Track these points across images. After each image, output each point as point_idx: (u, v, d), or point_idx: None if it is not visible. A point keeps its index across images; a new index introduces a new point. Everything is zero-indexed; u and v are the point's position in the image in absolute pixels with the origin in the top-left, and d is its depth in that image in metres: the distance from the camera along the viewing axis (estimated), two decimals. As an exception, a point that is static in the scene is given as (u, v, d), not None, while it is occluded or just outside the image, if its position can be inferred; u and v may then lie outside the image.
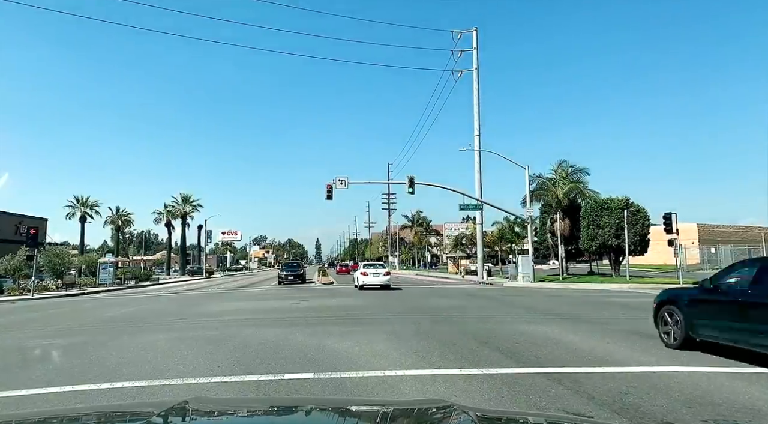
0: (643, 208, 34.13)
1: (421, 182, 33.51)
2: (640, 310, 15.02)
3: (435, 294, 22.93)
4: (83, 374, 6.57)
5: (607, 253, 36.24)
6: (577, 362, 7.01)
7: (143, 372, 6.64)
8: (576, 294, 22.53)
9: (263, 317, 13.25)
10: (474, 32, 37.23)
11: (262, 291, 27.01)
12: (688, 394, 5.31)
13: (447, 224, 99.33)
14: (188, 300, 21.15)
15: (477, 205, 35.39)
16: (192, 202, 65.34)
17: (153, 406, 2.30)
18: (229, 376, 6.32)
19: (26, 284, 26.10)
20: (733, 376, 6.19)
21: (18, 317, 15.07)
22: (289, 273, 36.23)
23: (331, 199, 32.88)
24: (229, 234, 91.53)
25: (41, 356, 8.19)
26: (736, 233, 59.38)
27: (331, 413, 2.04)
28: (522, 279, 32.12)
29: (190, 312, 15.49)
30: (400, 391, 5.59)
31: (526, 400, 5.08)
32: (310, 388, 5.77)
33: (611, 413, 4.63)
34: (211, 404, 2.56)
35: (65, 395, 5.58)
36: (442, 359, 7.24)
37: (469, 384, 5.79)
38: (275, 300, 19.88)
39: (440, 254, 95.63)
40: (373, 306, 16.52)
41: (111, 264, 36.09)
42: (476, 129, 36.02)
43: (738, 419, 4.58)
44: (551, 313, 14.11)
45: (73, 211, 56.92)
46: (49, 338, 10.15)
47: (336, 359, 7.30)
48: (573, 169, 39.31)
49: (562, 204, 35.91)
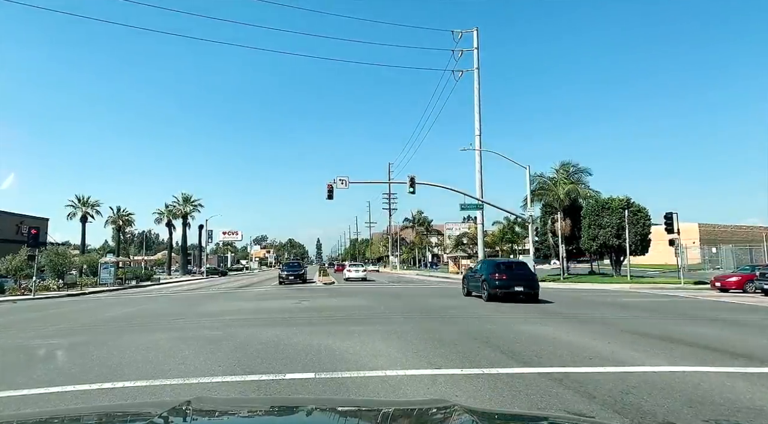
0: (644, 208, 34.13)
1: (421, 182, 33.50)
2: (641, 310, 15.02)
3: (436, 294, 22.91)
4: (84, 374, 6.57)
5: (608, 253, 36.24)
6: (578, 362, 7.01)
7: (145, 372, 6.64)
8: (577, 294, 22.52)
9: (264, 317, 13.25)
10: (475, 32, 37.20)
11: (263, 291, 27.01)
12: (689, 394, 5.30)
13: (448, 223, 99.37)
14: (189, 300, 21.16)
15: (478, 205, 35.37)
16: (193, 202, 65.47)
17: (155, 406, 2.30)
18: (231, 376, 6.32)
19: (27, 284, 26.13)
20: (734, 376, 6.18)
21: (19, 317, 15.08)
22: (290, 273, 36.20)
23: (332, 199, 32.85)
24: (229, 234, 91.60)
25: (42, 356, 8.20)
26: (738, 233, 59.29)
27: (332, 413, 2.04)
28: (523, 279, 32.06)
29: (191, 312, 15.49)
30: (401, 391, 5.59)
31: (527, 400, 5.08)
32: (311, 388, 5.77)
33: (612, 413, 4.62)
34: (212, 404, 2.56)
35: (66, 395, 5.58)
36: (444, 359, 7.24)
37: (470, 384, 5.79)
38: (276, 300, 19.89)
39: (441, 253, 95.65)
40: (374, 306, 16.51)
41: (112, 264, 36.13)
42: (477, 129, 35.99)
43: (739, 419, 4.57)
44: (552, 313, 14.10)
45: (75, 211, 56.97)
46: (50, 337, 10.15)
47: (337, 359, 7.30)
48: (575, 170, 39.34)
49: (564, 204, 35.88)
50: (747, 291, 22.48)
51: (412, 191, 32.59)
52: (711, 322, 12.11)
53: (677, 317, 13.28)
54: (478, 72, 36.70)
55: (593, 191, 39.03)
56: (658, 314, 13.99)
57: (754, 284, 22.12)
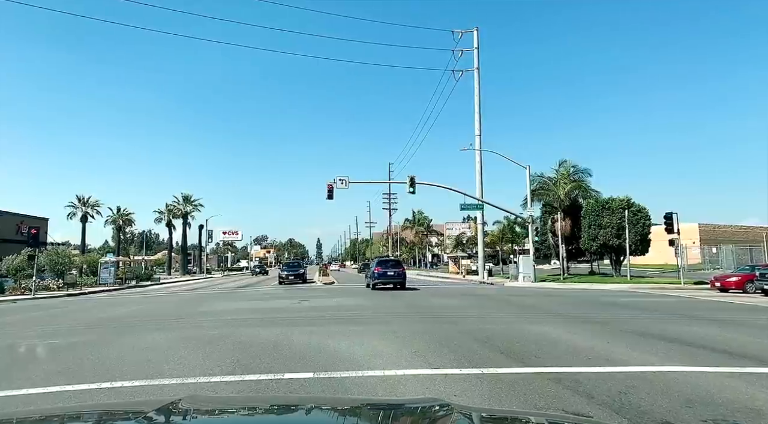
0: (644, 208, 34.10)
1: (422, 182, 33.52)
2: (641, 310, 15.01)
3: (435, 294, 22.92)
4: (83, 374, 6.57)
5: (608, 253, 36.22)
6: (577, 362, 7.01)
7: (143, 372, 6.64)
8: (577, 294, 22.52)
9: (263, 317, 13.25)
10: (474, 32, 37.22)
11: (263, 291, 27.01)
12: (688, 394, 5.30)
13: (448, 223, 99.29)
14: (189, 300, 21.16)
15: (478, 205, 35.39)
16: (193, 201, 65.44)
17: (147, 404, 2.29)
18: (229, 375, 6.32)
19: (27, 284, 26.12)
20: (733, 376, 6.18)
21: (19, 317, 15.09)
22: (290, 273, 36.19)
23: (332, 199, 32.87)
24: (230, 234, 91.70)
25: (42, 356, 8.20)
26: (738, 233, 59.26)
27: (330, 411, 2.04)
28: (523, 279, 32.12)
29: (191, 312, 15.49)
30: (399, 391, 5.59)
31: (525, 400, 5.07)
32: (310, 387, 5.77)
33: (611, 413, 4.62)
34: (204, 402, 2.55)
35: (65, 394, 5.58)
36: (442, 359, 7.24)
37: (469, 384, 5.78)
38: (276, 300, 19.89)
39: (441, 253, 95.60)
40: (373, 306, 16.52)
41: (112, 264, 36.12)
42: (477, 129, 36.01)
43: (738, 419, 4.56)
44: (551, 313, 14.10)
45: (75, 211, 56.97)
46: (50, 337, 10.15)
47: (336, 359, 7.29)
48: (575, 170, 39.30)
49: (564, 204, 35.89)
50: (747, 291, 22.47)
51: (412, 191, 32.61)
52: (710, 322, 12.11)
53: (676, 317, 13.27)
54: (478, 72, 36.72)
55: (594, 191, 39.04)
56: (658, 314, 13.99)
57: (754, 284, 22.10)
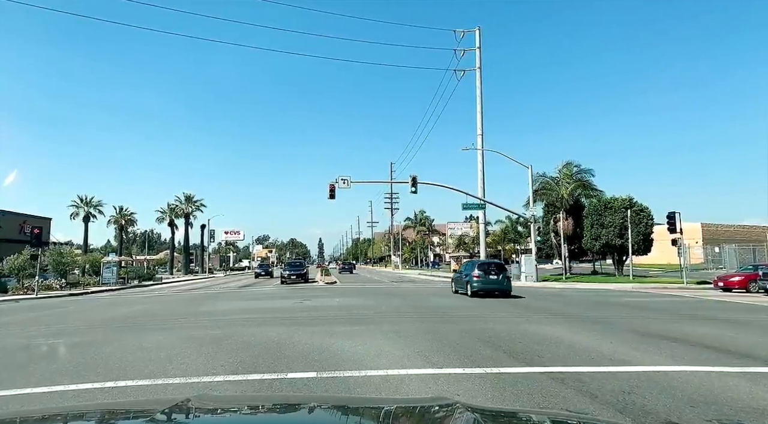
0: (647, 208, 34.05)
1: (423, 182, 33.52)
2: (643, 309, 14.99)
3: (438, 294, 22.90)
4: (87, 373, 6.59)
5: (611, 252, 36.16)
6: (580, 362, 7.00)
7: (147, 371, 6.65)
8: (579, 294, 22.49)
9: (266, 317, 13.26)
10: (477, 31, 37.16)
11: (265, 291, 27.02)
12: (691, 393, 5.29)
13: (450, 223, 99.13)
14: (191, 300, 21.18)
15: (480, 205, 35.34)
16: (195, 201, 65.54)
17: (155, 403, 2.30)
18: (233, 375, 6.33)
19: (30, 284, 26.19)
20: (736, 375, 6.17)
21: (22, 317, 15.12)
22: (292, 273, 36.15)
23: (333, 199, 32.90)
24: (231, 233, 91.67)
25: (45, 355, 8.23)
26: (741, 233, 59.10)
27: (334, 410, 2.04)
28: (525, 279, 32.07)
29: (193, 311, 15.51)
30: (403, 390, 5.58)
31: (529, 399, 5.07)
32: (313, 387, 5.77)
33: (615, 412, 4.62)
34: (213, 401, 2.55)
35: (69, 393, 5.59)
36: (445, 359, 7.23)
37: (472, 383, 5.78)
38: (278, 300, 19.90)
39: (443, 253, 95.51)
40: (375, 306, 16.51)
41: (114, 263, 36.17)
42: (479, 128, 35.96)
43: (742, 418, 4.55)
44: (554, 312, 14.08)
45: (77, 210, 57.12)
46: (53, 337, 10.18)
47: (339, 358, 7.30)
48: (578, 170, 39.25)
49: (566, 204, 35.84)
50: (750, 291, 22.42)
51: (414, 191, 32.60)
52: (713, 322, 12.08)
53: (679, 316, 13.25)
54: (480, 71, 36.66)
55: (597, 191, 38.97)
56: (661, 313, 13.96)
57: (757, 284, 22.05)
